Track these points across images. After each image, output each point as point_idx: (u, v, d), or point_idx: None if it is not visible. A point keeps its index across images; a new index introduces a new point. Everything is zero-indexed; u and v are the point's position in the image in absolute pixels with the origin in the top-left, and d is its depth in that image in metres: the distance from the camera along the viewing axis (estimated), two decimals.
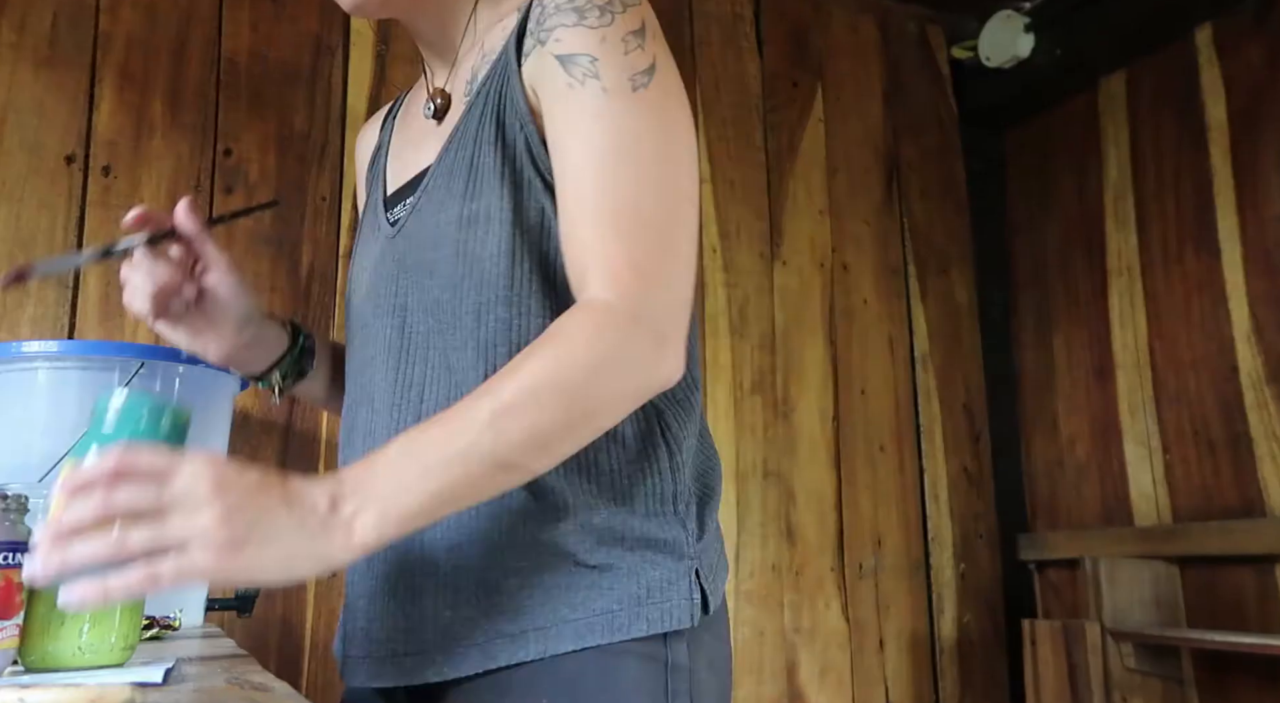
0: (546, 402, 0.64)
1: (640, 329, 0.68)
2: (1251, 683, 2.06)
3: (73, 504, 0.56)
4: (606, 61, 0.72)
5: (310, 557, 0.59)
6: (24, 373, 1.23)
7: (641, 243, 0.70)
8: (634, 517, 0.75)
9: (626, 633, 0.72)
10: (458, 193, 0.77)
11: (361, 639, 0.79)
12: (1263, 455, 2.09)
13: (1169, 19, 2.31)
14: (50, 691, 0.54)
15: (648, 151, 0.72)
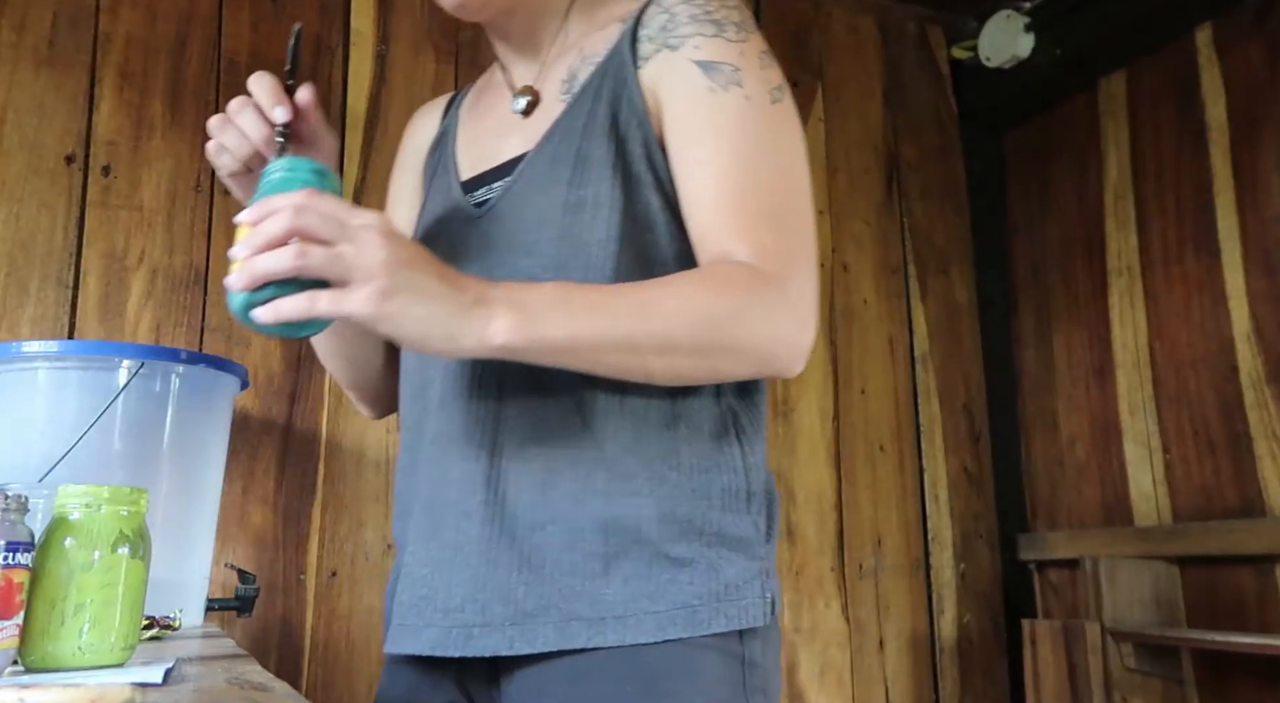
0: (691, 317, 0.69)
1: (788, 306, 0.73)
2: (1251, 683, 2.06)
3: (263, 225, 0.63)
4: (748, 73, 0.78)
5: (444, 333, 0.64)
6: (24, 373, 1.23)
7: (789, 236, 0.75)
8: (712, 510, 0.77)
9: (707, 628, 0.73)
10: (563, 179, 0.79)
11: (424, 608, 0.79)
12: (1263, 455, 2.09)
13: (1169, 19, 2.31)
14: (50, 691, 0.54)
15: (787, 157, 0.77)
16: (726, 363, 0.73)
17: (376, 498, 1.90)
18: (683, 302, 0.70)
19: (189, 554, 1.32)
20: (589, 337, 0.68)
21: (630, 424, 0.76)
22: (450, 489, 0.79)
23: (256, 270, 0.62)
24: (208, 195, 1.88)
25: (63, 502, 0.71)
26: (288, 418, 1.86)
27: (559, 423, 0.76)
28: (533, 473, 0.76)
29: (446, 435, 0.80)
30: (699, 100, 0.78)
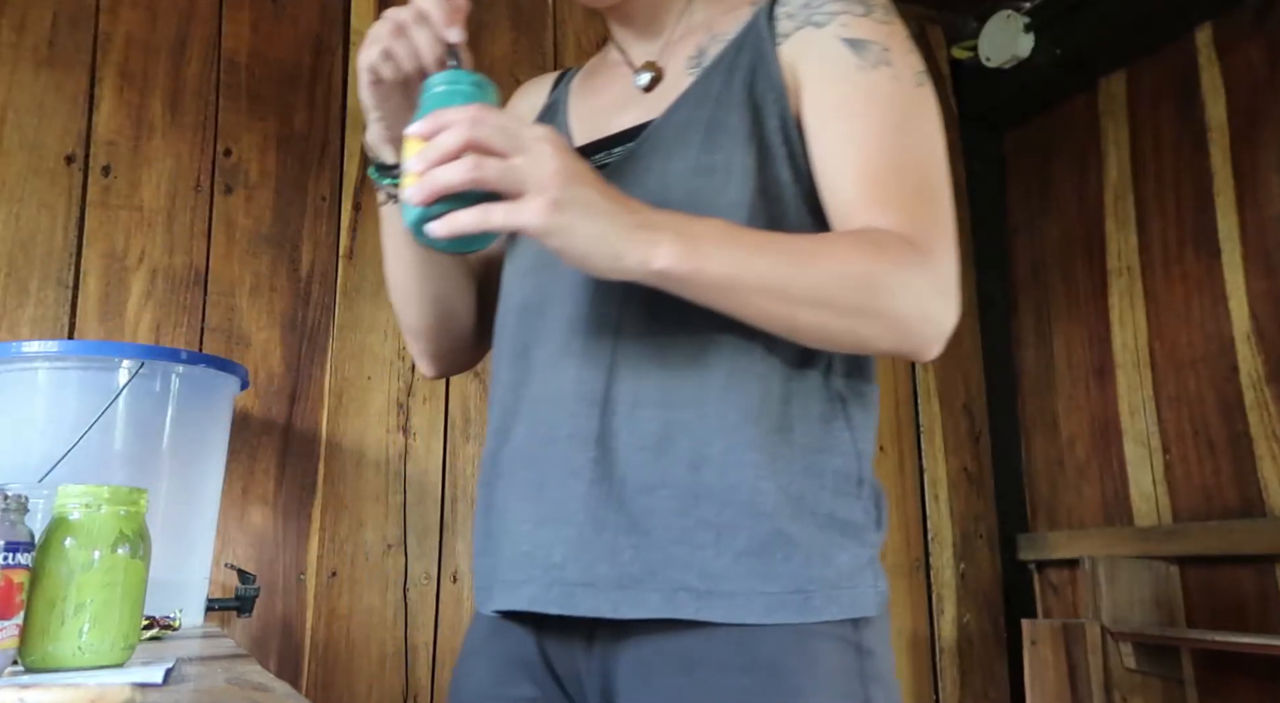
0: (848, 275, 0.69)
1: (939, 281, 0.73)
2: (1251, 683, 2.06)
3: (438, 138, 0.64)
4: (896, 53, 0.79)
5: (609, 252, 0.65)
6: (24, 373, 1.23)
7: (938, 214, 0.75)
8: (824, 492, 0.76)
9: (819, 615, 0.72)
10: (693, 144, 0.79)
11: (524, 563, 0.77)
12: (1263, 455, 2.09)
13: (1169, 19, 2.31)
14: (50, 691, 0.54)
15: (932, 139, 0.78)
16: (871, 329, 0.71)
17: (376, 498, 1.90)
18: (842, 258, 0.70)
19: (189, 554, 1.32)
20: (748, 276, 0.68)
21: (749, 394, 0.75)
22: (557, 447, 0.78)
23: (434, 184, 0.63)
24: (208, 195, 1.88)
25: (63, 502, 0.71)
26: (288, 418, 1.86)
27: (676, 387, 0.75)
28: (646, 434, 0.75)
29: (555, 394, 0.79)
30: (847, 77, 0.78)
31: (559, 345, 0.80)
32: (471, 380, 2.02)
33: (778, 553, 0.72)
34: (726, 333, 0.75)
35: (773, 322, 0.71)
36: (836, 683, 0.72)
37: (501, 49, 2.20)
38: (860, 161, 0.76)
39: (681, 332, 0.75)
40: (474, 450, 1.99)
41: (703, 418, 0.74)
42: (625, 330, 0.77)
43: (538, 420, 0.80)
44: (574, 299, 0.81)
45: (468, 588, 1.93)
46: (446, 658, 1.89)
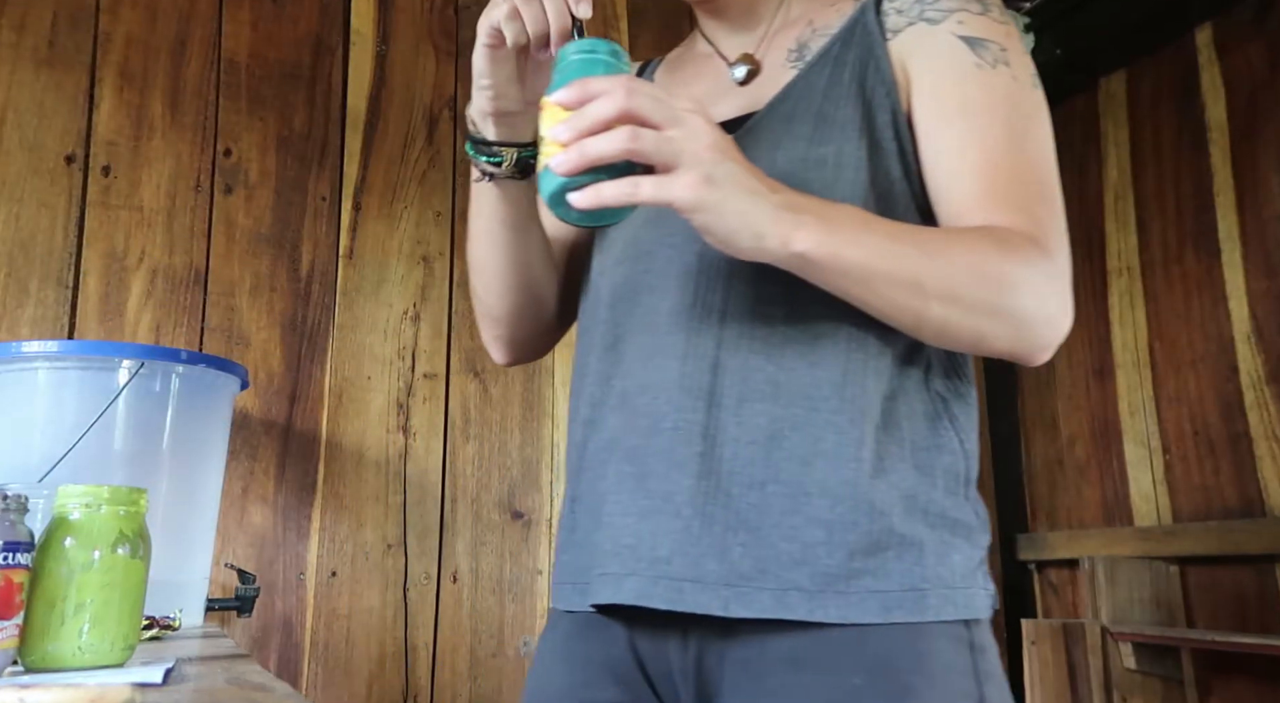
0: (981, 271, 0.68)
1: (1061, 284, 0.72)
2: (1251, 683, 2.06)
3: (590, 108, 0.62)
4: (1013, 54, 0.78)
5: (753, 231, 0.63)
6: (24, 373, 1.23)
7: (1057, 216, 0.74)
8: (935, 491, 0.74)
9: (936, 615, 0.71)
10: (801, 136, 0.78)
11: (627, 556, 0.75)
12: (1263, 455, 2.09)
13: (1169, 19, 2.31)
14: (50, 691, 0.54)
15: (1048, 143, 0.77)
16: (994, 327, 0.70)
17: (376, 498, 1.90)
18: (975, 253, 0.69)
19: (189, 554, 1.32)
20: (883, 265, 0.67)
21: (861, 391, 0.73)
22: (661, 438, 0.76)
23: (588, 153, 0.61)
24: (208, 195, 1.88)
25: (63, 502, 0.71)
26: (288, 418, 1.86)
27: (785, 381, 0.74)
28: (755, 429, 0.73)
29: (655, 385, 0.77)
30: (965, 75, 0.77)
31: (656, 337, 0.79)
32: (471, 380, 2.02)
33: (890, 551, 0.71)
34: (839, 328, 0.74)
35: (900, 314, 0.69)
36: (951, 682, 0.70)
37: None
38: (980, 160, 0.75)
39: (790, 325, 0.74)
40: (474, 450, 2.00)
41: (814, 414, 0.73)
42: (730, 323, 0.76)
43: (635, 412, 0.78)
44: (674, 290, 0.79)
45: (468, 588, 1.94)
46: (446, 658, 1.89)
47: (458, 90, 2.14)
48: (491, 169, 0.83)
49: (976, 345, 0.71)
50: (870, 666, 0.69)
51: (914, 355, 0.77)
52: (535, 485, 2.03)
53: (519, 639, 1.95)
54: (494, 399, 2.03)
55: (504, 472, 2.01)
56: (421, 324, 2.00)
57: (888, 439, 0.74)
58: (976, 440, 0.80)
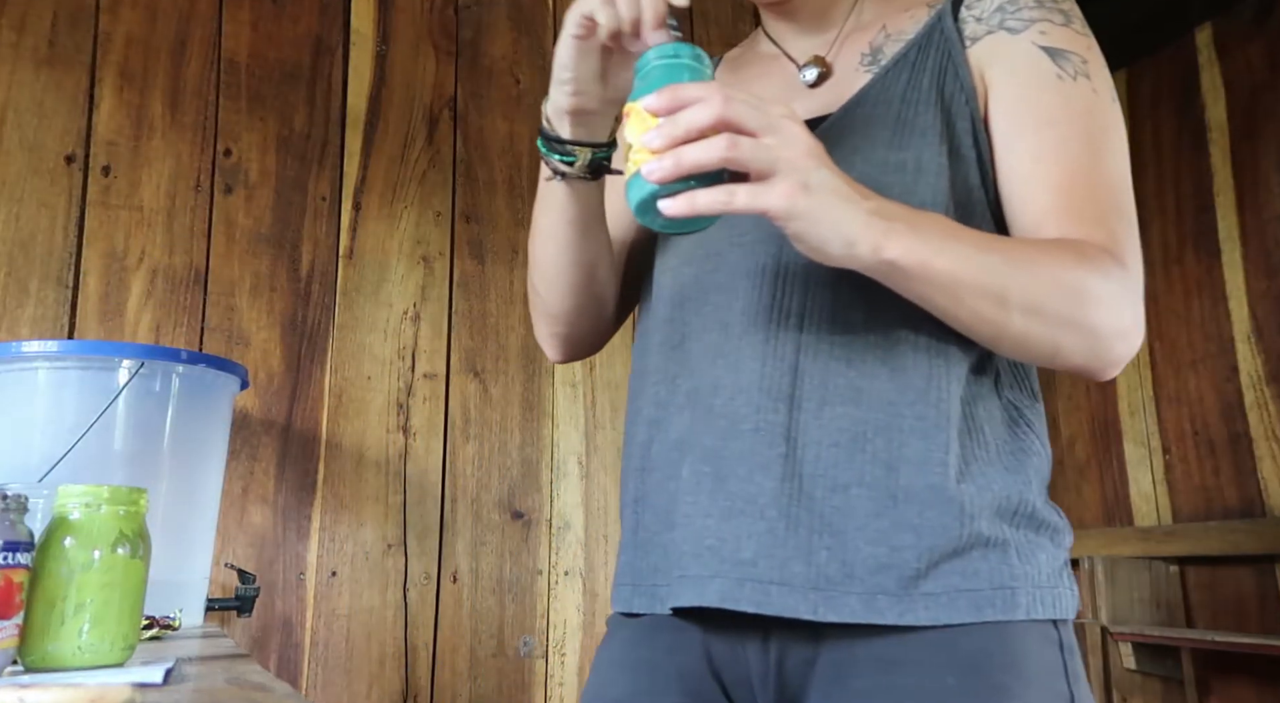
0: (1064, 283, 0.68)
1: (1136, 301, 0.72)
2: (1251, 683, 2.06)
3: (685, 114, 0.61)
4: (1094, 67, 0.78)
5: (846, 237, 0.63)
6: (24, 373, 1.23)
7: (1132, 230, 0.74)
8: (1028, 491, 0.75)
9: (1026, 613, 0.70)
10: (881, 141, 0.77)
11: (710, 558, 0.74)
12: (1263, 455, 2.09)
13: (1169, 19, 2.31)
14: (50, 691, 0.54)
15: (1124, 153, 0.78)
16: (1071, 341, 0.69)
17: (376, 498, 1.90)
18: (1058, 266, 0.68)
19: (189, 554, 1.32)
20: (969, 275, 0.66)
21: (944, 396, 0.74)
22: (741, 440, 0.75)
23: (684, 161, 0.60)
24: (208, 195, 1.88)
25: (63, 502, 0.71)
26: (288, 418, 1.86)
27: (868, 386, 0.74)
28: (837, 431, 0.73)
29: (733, 386, 0.76)
30: (1046, 85, 0.77)
31: (729, 337, 0.78)
32: (471, 380, 2.02)
33: (976, 551, 0.71)
34: (918, 336, 0.74)
35: (983, 324, 0.68)
36: (1045, 681, 0.70)
37: (501, 49, 2.20)
38: (1057, 172, 0.75)
39: (870, 332, 0.74)
40: (474, 450, 2.00)
41: (898, 419, 0.73)
42: (809, 327, 0.75)
43: (710, 412, 0.77)
44: (746, 291, 0.78)
45: (468, 588, 1.94)
46: (446, 658, 1.89)
47: (458, 90, 2.14)
48: (564, 168, 0.81)
49: (1052, 359, 0.71)
50: (963, 665, 0.68)
51: (986, 365, 0.77)
52: (535, 485, 2.03)
53: (519, 639, 1.95)
54: (494, 399, 2.03)
55: (504, 472, 2.01)
56: (421, 324, 2.00)
57: (973, 444, 0.74)
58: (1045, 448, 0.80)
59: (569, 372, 2.11)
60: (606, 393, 2.14)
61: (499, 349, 2.06)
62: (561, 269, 0.90)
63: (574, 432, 2.09)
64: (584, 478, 2.08)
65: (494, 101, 2.16)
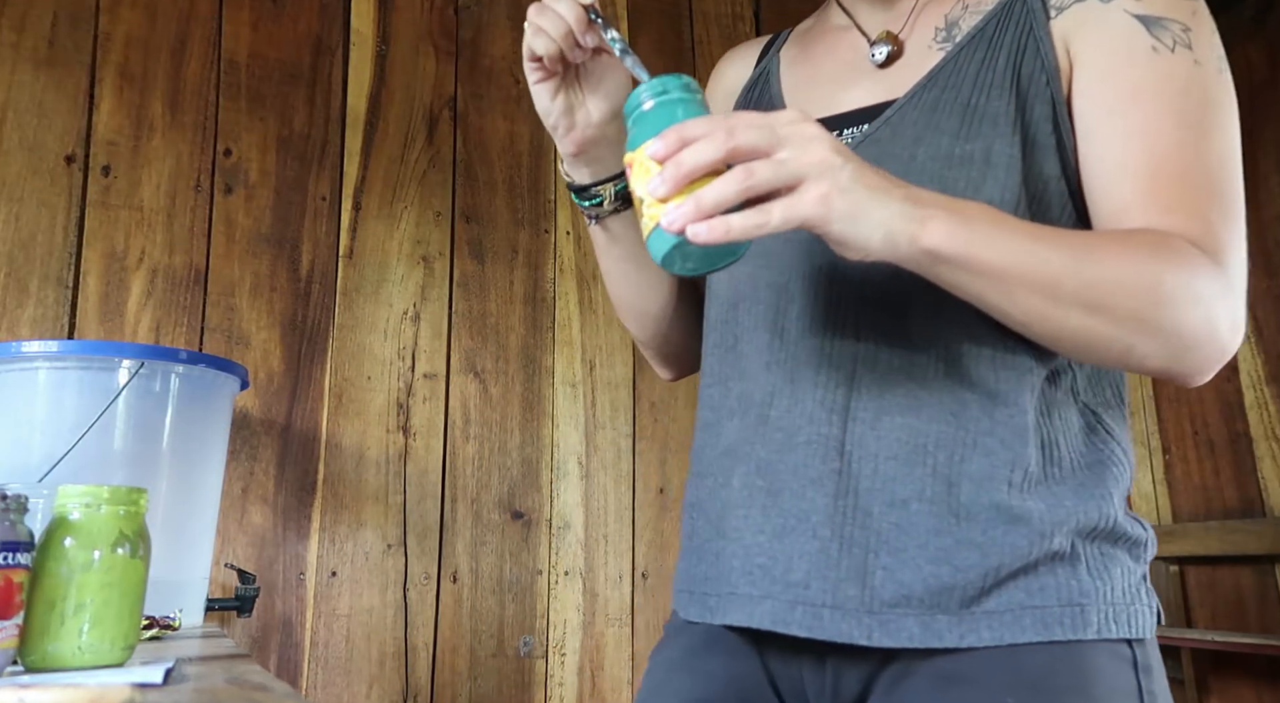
0: (1134, 280, 0.62)
1: (1231, 299, 0.65)
2: (1251, 683, 2.06)
3: (685, 156, 0.58)
4: (1199, 35, 0.69)
5: (883, 228, 0.59)
6: (24, 373, 1.23)
7: (1233, 222, 0.67)
8: (1108, 505, 0.70)
9: (1097, 631, 0.66)
10: (948, 130, 0.72)
11: (761, 577, 0.71)
12: (1263, 455, 2.09)
13: None
14: (50, 691, 0.54)
15: (1231, 135, 0.68)
16: (1146, 342, 0.63)
17: (376, 498, 1.90)
18: (1127, 258, 0.62)
19: (189, 554, 1.32)
20: (1020, 265, 0.61)
21: (1011, 407, 0.69)
22: (795, 453, 0.72)
23: (704, 205, 0.57)
24: (208, 195, 1.88)
25: (63, 502, 0.71)
26: (288, 418, 1.86)
27: (927, 396, 0.70)
28: (895, 443, 0.69)
29: (787, 393, 0.74)
30: (1138, 59, 0.68)
31: (785, 341, 0.75)
32: (472, 380, 2.02)
33: (1043, 566, 0.67)
34: (983, 341, 0.70)
35: (1039, 323, 0.63)
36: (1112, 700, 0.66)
37: (501, 49, 2.20)
38: (1146, 155, 0.67)
39: (932, 337, 0.70)
40: (474, 450, 2.00)
41: (960, 431, 0.69)
42: (867, 332, 0.72)
43: (763, 422, 0.75)
44: (802, 292, 0.75)
45: (467, 588, 1.94)
46: (446, 658, 1.89)
47: (458, 90, 2.14)
48: (595, 211, 0.82)
49: (1125, 361, 0.65)
50: (1026, 686, 0.65)
51: (1062, 370, 0.72)
52: (535, 485, 2.03)
53: (519, 639, 1.95)
54: (494, 399, 2.03)
55: (504, 472, 2.01)
56: (421, 324, 2.00)
57: (1044, 457, 0.69)
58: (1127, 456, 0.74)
59: (569, 372, 2.11)
60: (606, 393, 2.14)
61: (499, 349, 2.06)
62: (632, 302, 0.90)
63: (574, 432, 2.09)
64: (584, 478, 2.08)
65: (494, 101, 2.16)
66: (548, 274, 2.14)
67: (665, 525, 2.13)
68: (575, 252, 2.18)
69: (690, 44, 2.40)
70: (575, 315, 2.15)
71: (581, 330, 2.15)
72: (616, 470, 2.11)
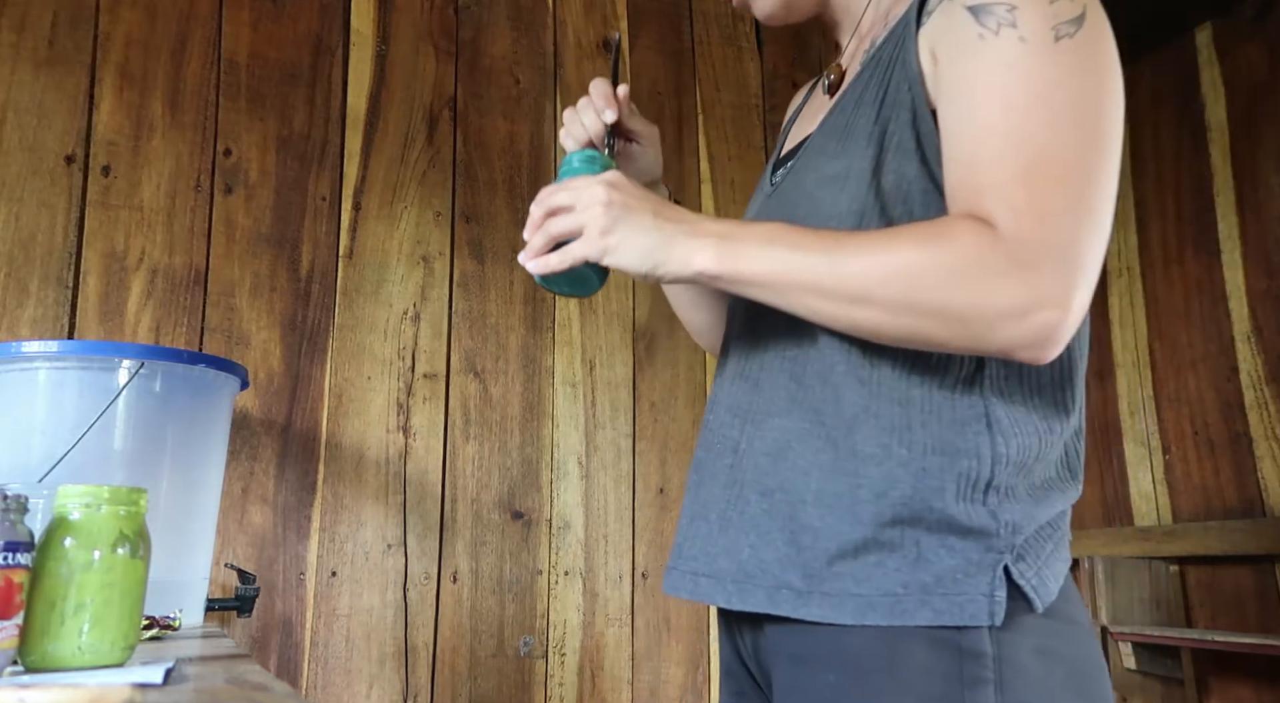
0: (886, 269, 0.67)
1: (1017, 273, 0.64)
2: (1251, 683, 2.06)
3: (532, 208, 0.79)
4: (1027, 9, 0.69)
5: (655, 259, 0.74)
6: (24, 373, 1.23)
7: (1050, 192, 0.65)
8: (941, 495, 0.71)
9: (910, 619, 0.69)
10: (828, 152, 0.79)
11: (676, 554, 0.86)
12: (1263, 455, 2.09)
13: (1169, 19, 2.31)
14: (50, 691, 0.54)
15: (1064, 99, 0.67)
16: (930, 327, 0.66)
17: (376, 498, 1.90)
18: (882, 251, 0.67)
19: (189, 554, 1.32)
20: (784, 273, 0.69)
21: (865, 401, 0.74)
22: (712, 452, 0.85)
23: (531, 247, 0.78)
24: (208, 195, 1.88)
25: (63, 502, 0.71)
26: (288, 418, 1.86)
27: (801, 397, 0.77)
28: (770, 442, 0.79)
29: (720, 404, 0.87)
30: (965, 50, 0.70)
31: (727, 359, 0.89)
32: (472, 380, 2.02)
33: (872, 555, 0.71)
34: (852, 345, 0.75)
35: (830, 321, 0.70)
36: (922, 684, 0.69)
37: (501, 49, 2.20)
38: (970, 144, 0.69)
39: (813, 346, 0.78)
40: (474, 450, 2.00)
41: (818, 427, 0.75)
42: (770, 346, 0.81)
43: (706, 426, 0.89)
44: (739, 314, 0.89)
45: (467, 588, 1.94)
46: (446, 658, 1.89)
47: (458, 90, 2.14)
48: None
49: (937, 347, 0.69)
50: (844, 664, 0.71)
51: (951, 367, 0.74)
52: (535, 485, 2.03)
53: (519, 639, 1.95)
54: (494, 399, 2.03)
55: (504, 472, 2.01)
56: (421, 324, 2.00)
57: (893, 443, 0.73)
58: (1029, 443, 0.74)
59: (569, 372, 2.11)
60: (606, 393, 2.14)
61: (499, 349, 2.06)
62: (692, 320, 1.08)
63: (574, 432, 2.09)
64: (584, 478, 2.08)
65: (494, 101, 2.16)
66: None
67: (665, 525, 2.13)
68: None
69: (690, 44, 2.41)
70: (575, 315, 2.15)
71: (581, 330, 2.15)
72: (616, 470, 2.11)
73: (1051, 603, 0.72)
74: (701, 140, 2.37)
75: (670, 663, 2.08)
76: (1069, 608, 0.74)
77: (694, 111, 2.38)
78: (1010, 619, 0.70)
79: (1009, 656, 0.69)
